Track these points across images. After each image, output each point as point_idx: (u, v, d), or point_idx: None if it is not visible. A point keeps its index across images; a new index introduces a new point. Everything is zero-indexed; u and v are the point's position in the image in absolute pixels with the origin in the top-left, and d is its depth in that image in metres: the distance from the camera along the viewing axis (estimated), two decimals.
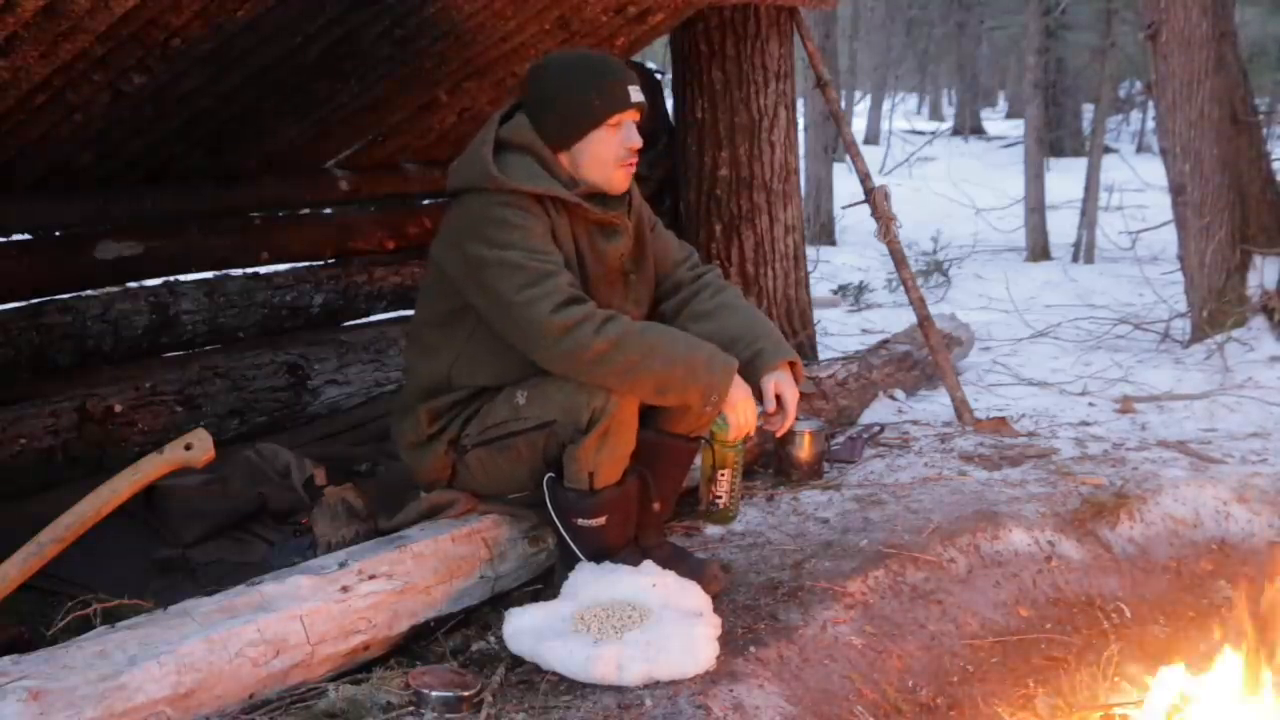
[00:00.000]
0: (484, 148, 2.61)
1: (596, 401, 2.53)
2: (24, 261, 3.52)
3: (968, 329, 5.85)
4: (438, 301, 2.74)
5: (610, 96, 2.62)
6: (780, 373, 2.70)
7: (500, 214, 2.55)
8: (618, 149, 2.64)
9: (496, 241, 2.53)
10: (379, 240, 4.71)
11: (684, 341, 2.57)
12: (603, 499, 2.62)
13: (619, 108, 2.62)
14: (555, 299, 2.47)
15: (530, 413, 2.61)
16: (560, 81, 2.64)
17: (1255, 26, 12.43)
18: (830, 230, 10.86)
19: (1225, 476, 3.62)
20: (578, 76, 2.63)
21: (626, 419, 2.58)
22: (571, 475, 2.62)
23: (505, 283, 2.50)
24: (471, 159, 2.63)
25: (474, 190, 2.60)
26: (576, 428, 2.56)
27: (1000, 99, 29.40)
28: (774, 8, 4.74)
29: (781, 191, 4.91)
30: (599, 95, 2.61)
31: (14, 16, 2.46)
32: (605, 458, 2.58)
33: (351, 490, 2.97)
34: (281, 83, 3.53)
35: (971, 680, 2.70)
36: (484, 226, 2.55)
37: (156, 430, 3.51)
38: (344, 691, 2.28)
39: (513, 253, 2.51)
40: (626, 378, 2.51)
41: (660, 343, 2.53)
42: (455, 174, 2.68)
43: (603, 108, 2.61)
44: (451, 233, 2.65)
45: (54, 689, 1.93)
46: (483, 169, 2.58)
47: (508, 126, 2.67)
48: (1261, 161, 6.42)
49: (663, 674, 2.32)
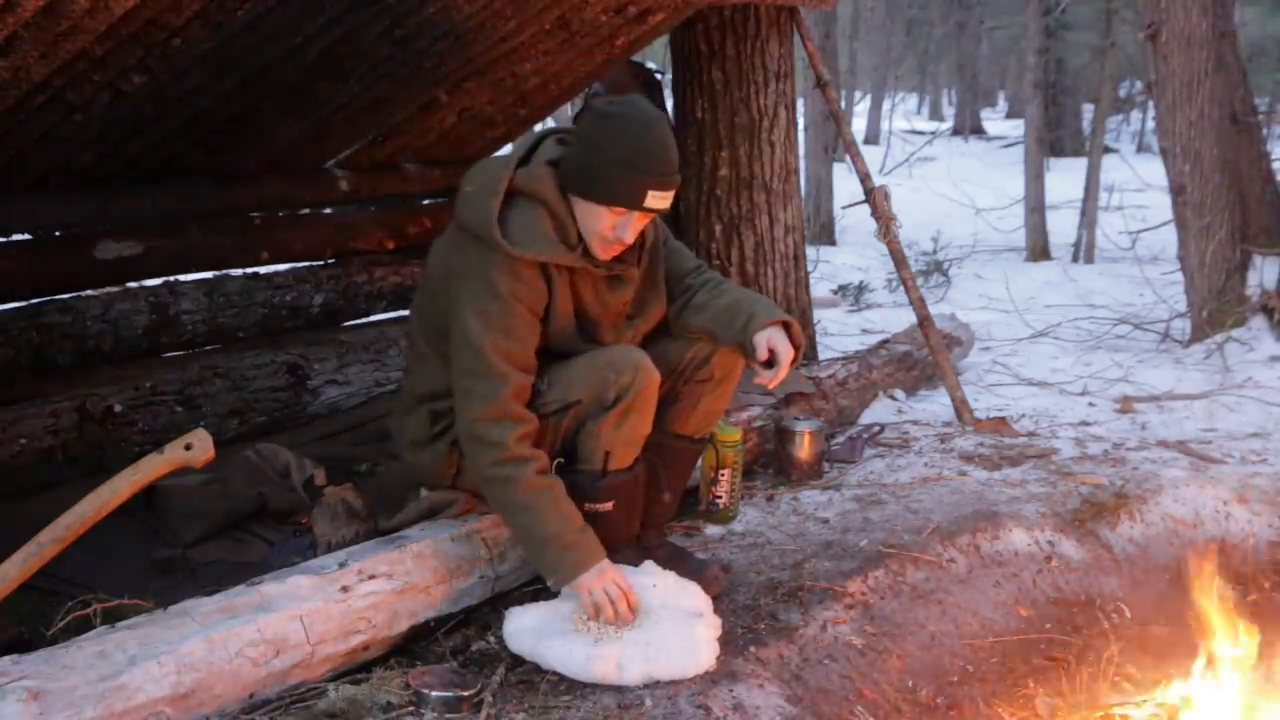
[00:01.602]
0: (492, 199, 2.50)
1: (624, 378, 2.54)
2: (24, 261, 3.52)
3: (968, 329, 5.85)
4: (430, 312, 2.71)
5: (630, 191, 2.47)
6: (772, 329, 2.66)
7: (492, 278, 2.48)
8: (607, 232, 2.54)
9: (476, 306, 2.49)
10: (379, 240, 4.71)
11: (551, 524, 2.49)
12: (613, 482, 2.63)
13: (629, 205, 2.50)
14: (484, 407, 2.48)
15: (554, 396, 2.60)
16: (608, 141, 2.49)
17: (1255, 26, 12.45)
18: (830, 230, 10.86)
19: (1225, 476, 3.62)
20: (625, 150, 2.47)
21: (649, 399, 2.59)
22: (585, 455, 2.62)
23: (460, 359, 2.52)
24: (479, 203, 2.52)
25: (476, 237, 2.52)
26: (601, 404, 2.57)
27: (1000, 99, 29.41)
28: (774, 8, 4.74)
29: (781, 191, 4.91)
30: (624, 182, 2.47)
31: (14, 16, 2.46)
32: (623, 437, 2.60)
33: (351, 490, 2.97)
34: (281, 83, 3.53)
35: (971, 680, 2.70)
36: (473, 281, 2.50)
37: (156, 430, 3.51)
38: (344, 691, 2.28)
39: (482, 335, 2.47)
40: (501, 513, 2.62)
41: (528, 514, 2.51)
42: (464, 205, 2.57)
43: (617, 196, 2.49)
44: (446, 258, 2.61)
45: (54, 689, 1.93)
46: (487, 227, 2.48)
47: (526, 172, 2.56)
48: (1261, 161, 6.43)
49: (663, 674, 2.33)
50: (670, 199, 2.54)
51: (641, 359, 2.58)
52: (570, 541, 2.49)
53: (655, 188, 2.48)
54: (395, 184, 4.72)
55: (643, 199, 2.48)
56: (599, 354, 2.60)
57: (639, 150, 2.47)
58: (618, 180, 2.47)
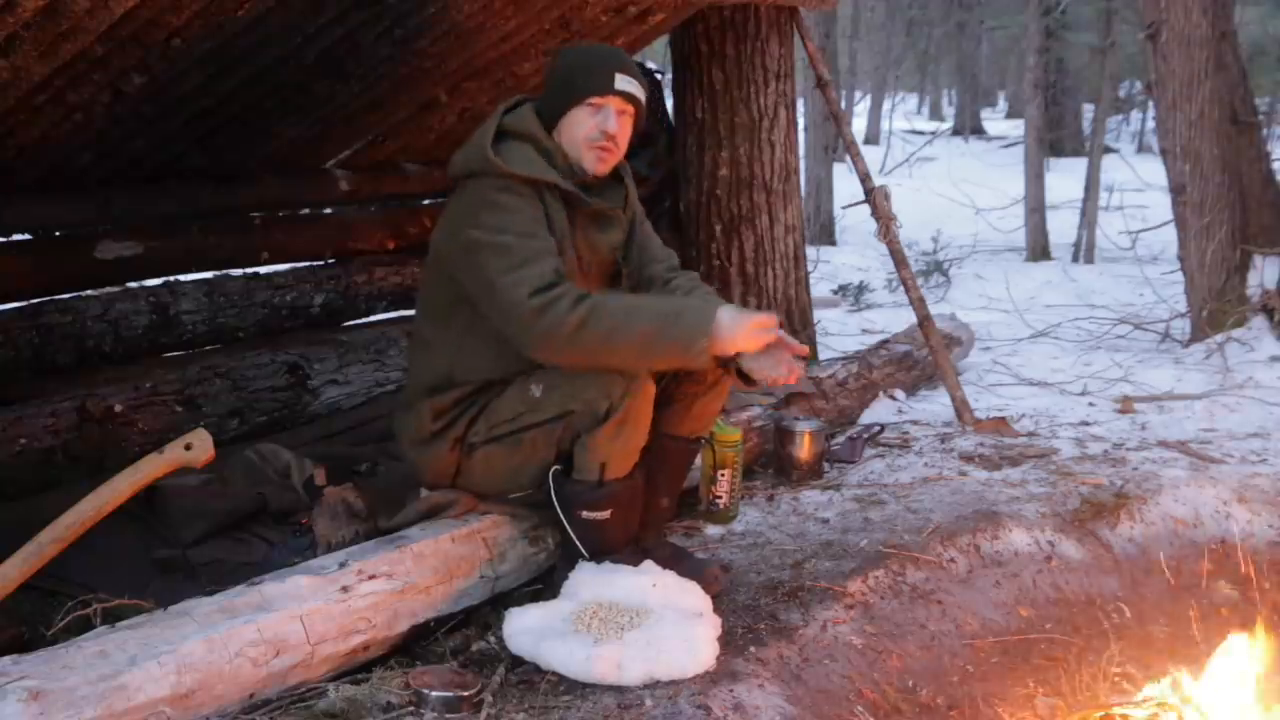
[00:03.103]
0: (485, 135, 2.69)
1: (616, 390, 2.54)
2: (24, 261, 3.51)
3: (968, 329, 5.85)
4: (435, 294, 2.78)
5: (597, 78, 2.69)
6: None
7: (495, 198, 2.60)
8: (591, 130, 2.70)
9: (490, 225, 2.57)
10: (379, 240, 4.71)
11: (660, 300, 2.69)
12: (611, 491, 2.63)
13: (600, 90, 2.69)
14: (535, 283, 2.50)
15: (548, 404, 2.62)
16: (565, 61, 2.78)
17: (1255, 26, 12.45)
18: (830, 230, 10.86)
19: (1225, 476, 3.62)
20: (576, 59, 2.77)
21: (643, 410, 2.60)
22: (582, 465, 2.62)
23: (492, 264, 2.54)
24: (472, 145, 2.70)
25: (473, 175, 2.66)
26: (595, 417, 2.57)
27: (1000, 99, 29.38)
28: (774, 8, 4.74)
29: (781, 191, 4.91)
30: (584, 76, 2.70)
31: (14, 16, 2.46)
32: (619, 448, 2.60)
33: (351, 490, 2.97)
34: (281, 83, 3.53)
35: (971, 680, 2.70)
36: (479, 210, 2.61)
37: (156, 430, 3.51)
38: (344, 691, 2.28)
39: (504, 236, 2.56)
40: (606, 346, 2.50)
41: (637, 304, 2.61)
42: (455, 161, 2.74)
43: (586, 86, 2.69)
44: (450, 218, 2.72)
45: (54, 689, 1.93)
46: (481, 154, 2.64)
47: (511, 115, 2.76)
48: (1261, 161, 6.43)
49: (663, 674, 2.33)
50: (638, 87, 2.72)
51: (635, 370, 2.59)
52: (679, 307, 2.56)
53: (619, 70, 2.71)
54: (395, 184, 4.72)
55: (612, 80, 2.69)
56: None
57: (590, 52, 2.84)
58: (581, 78, 2.71)
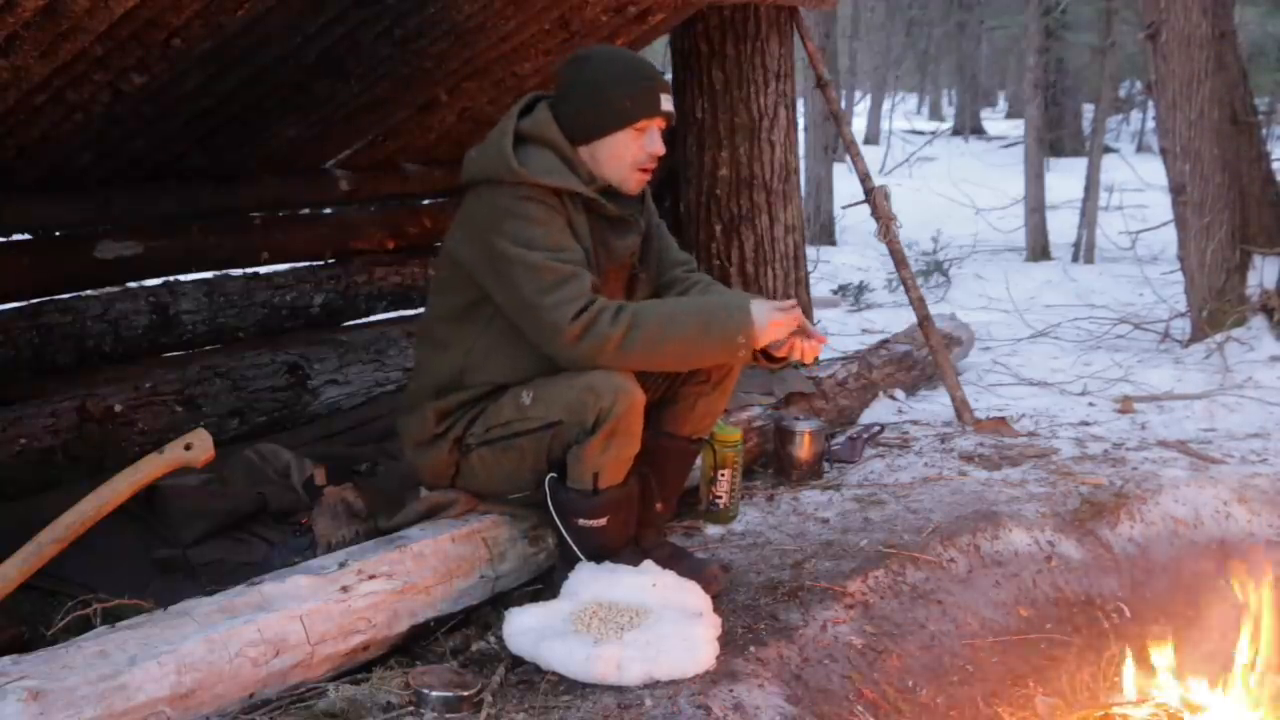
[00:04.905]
0: (504, 139, 2.60)
1: (604, 402, 2.51)
2: (24, 261, 3.52)
3: (968, 329, 5.85)
4: (452, 295, 2.73)
5: (643, 101, 2.63)
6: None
7: (522, 209, 2.55)
8: (639, 153, 2.65)
9: (520, 239, 2.53)
10: (379, 240, 4.71)
11: (694, 302, 2.69)
12: (605, 499, 2.61)
13: (649, 113, 2.63)
14: (576, 304, 2.49)
15: (536, 413, 2.61)
16: (599, 76, 2.64)
17: (1255, 26, 12.43)
18: (830, 230, 10.86)
19: (1225, 476, 3.62)
20: (609, 75, 2.63)
21: (633, 420, 2.57)
22: (575, 475, 2.61)
23: (529, 284, 2.52)
24: (491, 150, 2.62)
25: (492, 182, 2.60)
26: (583, 428, 2.55)
27: (1000, 99, 29.38)
28: (774, 8, 4.74)
29: (781, 191, 4.91)
30: (632, 98, 2.62)
31: (14, 16, 2.46)
32: (611, 458, 2.58)
33: (351, 490, 2.97)
34: (281, 83, 3.53)
35: (971, 680, 2.69)
36: (506, 220, 2.55)
37: (156, 430, 3.51)
38: (344, 691, 2.28)
39: (536, 254, 2.52)
40: (652, 353, 2.54)
41: (674, 309, 2.60)
42: (472, 164, 2.67)
43: (634, 110, 2.62)
44: (471, 224, 2.65)
45: (54, 689, 1.93)
46: (503, 161, 2.57)
47: (528, 120, 2.67)
48: (1261, 161, 6.42)
49: (663, 674, 2.32)
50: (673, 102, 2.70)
51: (624, 381, 2.53)
52: (712, 308, 2.59)
53: (662, 90, 2.65)
54: (395, 184, 4.72)
55: (658, 102, 2.64)
56: (581, 375, 2.56)
57: (630, 67, 2.67)
58: (628, 98, 2.61)
